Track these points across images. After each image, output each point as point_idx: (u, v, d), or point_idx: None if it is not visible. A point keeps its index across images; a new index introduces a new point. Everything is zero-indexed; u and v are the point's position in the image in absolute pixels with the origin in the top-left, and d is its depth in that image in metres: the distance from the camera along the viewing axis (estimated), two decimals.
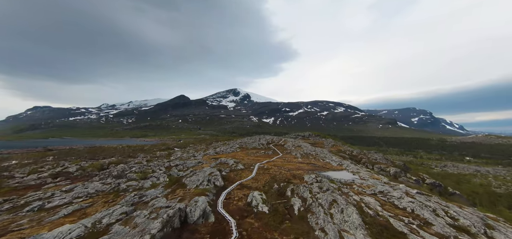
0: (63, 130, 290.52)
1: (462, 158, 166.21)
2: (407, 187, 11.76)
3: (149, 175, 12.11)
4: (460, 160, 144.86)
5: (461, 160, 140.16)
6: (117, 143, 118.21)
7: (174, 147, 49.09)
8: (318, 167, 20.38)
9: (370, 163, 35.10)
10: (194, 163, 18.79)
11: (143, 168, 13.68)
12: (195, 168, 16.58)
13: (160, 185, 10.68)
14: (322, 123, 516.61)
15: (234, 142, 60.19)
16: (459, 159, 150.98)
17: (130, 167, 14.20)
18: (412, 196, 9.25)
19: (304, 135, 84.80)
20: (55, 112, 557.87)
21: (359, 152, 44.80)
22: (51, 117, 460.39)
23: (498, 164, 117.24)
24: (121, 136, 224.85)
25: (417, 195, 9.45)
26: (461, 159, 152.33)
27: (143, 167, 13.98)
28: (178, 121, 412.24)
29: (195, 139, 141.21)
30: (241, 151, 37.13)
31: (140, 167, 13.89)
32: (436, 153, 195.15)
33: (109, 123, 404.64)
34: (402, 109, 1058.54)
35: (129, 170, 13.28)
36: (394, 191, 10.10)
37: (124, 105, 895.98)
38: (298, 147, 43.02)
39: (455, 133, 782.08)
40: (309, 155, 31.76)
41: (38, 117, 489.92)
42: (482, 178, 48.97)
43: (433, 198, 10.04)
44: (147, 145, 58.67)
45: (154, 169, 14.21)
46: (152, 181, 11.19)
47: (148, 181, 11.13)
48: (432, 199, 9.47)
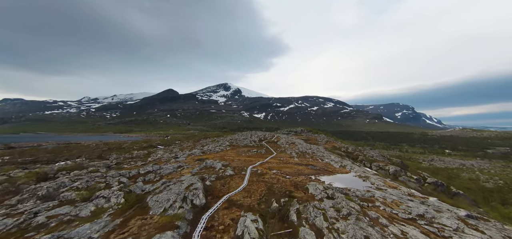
0: (38, 125, 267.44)
1: (442, 151, 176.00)
2: (449, 206, 9.20)
3: (98, 193, 8.39)
4: (441, 153, 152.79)
5: (442, 153, 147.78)
6: (98, 139, 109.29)
7: (157, 144, 44.59)
8: (320, 171, 17.60)
9: (368, 160, 33.39)
10: (171, 168, 15.14)
11: (93, 182, 9.88)
12: (170, 177, 12.99)
13: (107, 212, 7.10)
14: (312, 118, 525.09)
15: (224, 138, 56.52)
16: (440, 152, 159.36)
17: (74, 180, 10.30)
18: (475, 227, 6.53)
19: (296, 131, 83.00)
20: (29, 105, 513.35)
21: (354, 149, 43.32)
22: (23, 111, 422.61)
23: (475, 156, 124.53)
24: (103, 132, 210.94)
25: (480, 225, 6.79)
26: (442, 152, 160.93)
27: (93, 179, 10.14)
28: (166, 116, 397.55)
29: (183, 135, 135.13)
30: (231, 150, 33.75)
31: (90, 179, 10.05)
32: (419, 146, 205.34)
33: (91, 118, 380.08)
34: (387, 104, 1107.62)
35: (68, 186, 9.45)
36: (439, 214, 7.33)
37: (107, 98, 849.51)
38: (292, 145, 40.51)
39: (434, 127, 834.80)
40: (305, 154, 29.17)
41: (8, 110, 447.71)
42: (470, 172, 50.17)
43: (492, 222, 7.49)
44: (128, 142, 53.21)
45: (110, 182, 10.45)
46: (96, 205, 7.55)
47: (90, 204, 7.46)
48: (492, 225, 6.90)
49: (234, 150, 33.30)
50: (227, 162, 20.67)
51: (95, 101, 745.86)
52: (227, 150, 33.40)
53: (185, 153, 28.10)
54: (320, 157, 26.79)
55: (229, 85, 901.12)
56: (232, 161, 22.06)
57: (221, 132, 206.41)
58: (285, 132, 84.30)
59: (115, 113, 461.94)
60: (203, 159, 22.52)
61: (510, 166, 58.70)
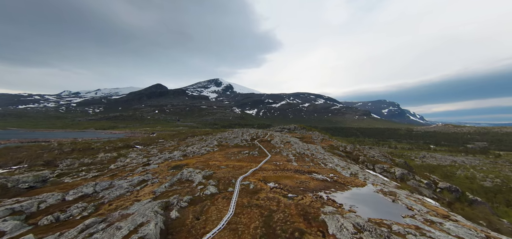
0: (9, 120, 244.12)
1: (427, 146, 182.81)
2: None
3: None
4: (427, 148, 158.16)
5: (428, 149, 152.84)
6: (72, 136, 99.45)
7: (135, 144, 39.09)
8: (330, 183, 13.84)
9: (370, 162, 30.52)
10: (126, 187, 10.62)
11: None
12: (115, 206, 8.54)
13: None
14: (303, 114, 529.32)
15: (213, 137, 51.84)
16: (426, 147, 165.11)
17: None
18: None
19: (289, 128, 79.85)
20: (1, 98, 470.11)
21: (352, 148, 40.61)
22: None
23: (459, 151, 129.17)
24: (84, 128, 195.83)
25: None
26: (428, 147, 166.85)
27: None
28: (154, 111, 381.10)
29: (170, 132, 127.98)
30: (219, 151, 29.36)
31: None
32: (405, 142, 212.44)
33: (71, 113, 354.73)
34: (374, 101, 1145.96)
35: None
36: None
37: (90, 93, 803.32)
38: (287, 144, 36.88)
39: (417, 123, 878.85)
40: (304, 156, 25.52)
41: None
42: (464, 169, 49.83)
43: None
44: (102, 140, 46.55)
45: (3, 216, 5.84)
46: None
47: None
48: None
49: (222, 152, 28.98)
50: (211, 170, 16.42)
51: (76, 96, 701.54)
52: (215, 152, 29.01)
53: (162, 157, 23.36)
54: (321, 160, 23.25)
55: (220, 81, 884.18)
56: (218, 168, 17.84)
57: (211, 129, 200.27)
58: (278, 129, 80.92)
59: (98, 108, 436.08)
60: (181, 166, 18.04)
61: (497, 162, 59.70)
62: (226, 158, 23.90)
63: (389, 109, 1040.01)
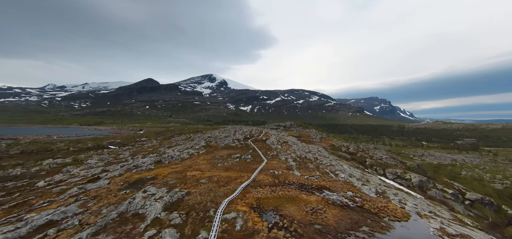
0: None
1: (419, 142, 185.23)
2: None
3: None
4: (420, 145, 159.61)
5: (421, 146, 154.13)
6: (50, 132, 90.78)
7: (109, 144, 33.38)
8: (355, 212, 9.42)
9: (379, 165, 26.66)
10: (33, 227, 5.56)
11: None
12: None
13: None
14: (298, 111, 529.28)
15: (202, 136, 46.71)
16: (418, 144, 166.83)
17: None
18: None
19: (285, 126, 75.60)
20: None
21: (356, 148, 36.84)
22: None
23: (452, 148, 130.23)
24: (67, 123, 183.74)
25: None
26: (420, 144, 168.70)
27: None
28: (145, 107, 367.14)
29: (160, 128, 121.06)
30: (205, 155, 24.48)
31: None
32: (398, 139, 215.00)
33: (55, 107, 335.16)
34: (367, 98, 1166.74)
35: None
36: None
37: (77, 87, 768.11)
38: (285, 145, 32.51)
39: (407, 119, 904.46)
40: (306, 162, 21.15)
41: None
42: (468, 169, 47.71)
43: None
44: (65, 139, 40.01)
45: None
46: None
47: None
48: None
49: (209, 155, 24.14)
50: (185, 188, 11.69)
51: (62, 89, 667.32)
52: (200, 155, 24.12)
53: (127, 165, 18.25)
54: (328, 167, 18.98)
55: (214, 77, 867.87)
56: (196, 184, 13.12)
57: (204, 125, 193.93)
58: (273, 127, 76.57)
59: (85, 103, 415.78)
60: (144, 180, 13.12)
61: (497, 160, 58.52)
62: (212, 165, 19.11)
63: (381, 106, 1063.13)
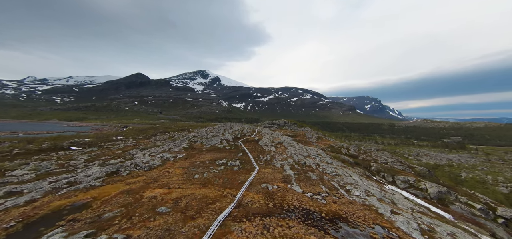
0: None
1: (408, 140, 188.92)
2: None
3: None
4: (410, 143, 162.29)
5: (411, 144, 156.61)
6: (24, 128, 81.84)
7: (70, 145, 27.83)
8: None
9: (387, 172, 23.34)
10: None
11: None
12: None
13: None
14: (291, 109, 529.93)
15: (187, 135, 41.86)
16: (408, 142, 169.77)
17: None
18: None
19: (279, 124, 71.87)
20: None
21: (357, 150, 33.56)
22: None
23: (441, 146, 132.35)
24: (45, 118, 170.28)
25: None
26: (410, 142, 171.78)
27: None
28: (133, 102, 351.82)
29: (147, 125, 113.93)
30: (181, 162, 19.96)
31: None
32: (389, 137, 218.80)
33: (33, 101, 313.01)
34: (358, 97, 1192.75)
35: None
36: None
37: (60, 80, 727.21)
38: (280, 146, 28.55)
39: (396, 118, 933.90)
40: (307, 171, 17.24)
41: None
42: (466, 170, 46.32)
43: None
44: (32, 137, 33.66)
45: None
46: None
47: None
48: None
49: (187, 161, 19.67)
50: (123, 230, 7.38)
51: (43, 82, 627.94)
52: (176, 162, 19.59)
53: (64, 180, 13.49)
54: (335, 178, 15.17)
55: (207, 73, 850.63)
56: (152, 213, 8.74)
57: (196, 122, 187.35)
58: (267, 125, 72.66)
59: (68, 97, 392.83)
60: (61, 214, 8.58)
61: (491, 160, 58.15)
62: (187, 177, 14.71)
63: (371, 104, 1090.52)
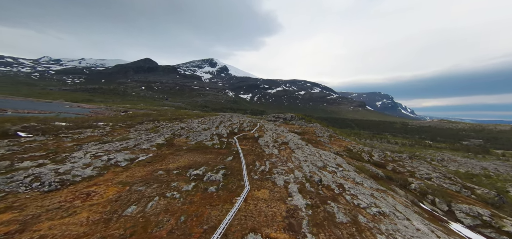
0: None
1: (423, 141, 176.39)
2: None
3: None
4: (427, 145, 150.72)
5: (426, 145, 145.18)
6: (20, 106, 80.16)
7: (20, 130, 22.92)
8: None
9: (438, 195, 16.68)
10: None
11: None
12: None
13: None
14: (299, 102, 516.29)
15: (174, 125, 36.34)
16: (424, 143, 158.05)
17: None
18: None
19: (285, 118, 64.81)
20: None
21: (382, 156, 26.73)
22: None
23: (460, 149, 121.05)
24: (53, 98, 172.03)
25: None
26: (425, 143, 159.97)
27: None
28: (141, 87, 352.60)
29: (152, 110, 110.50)
30: (134, 171, 14.15)
31: None
32: (400, 136, 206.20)
33: (45, 80, 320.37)
34: (369, 93, 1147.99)
35: None
36: None
37: (73, 61, 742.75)
38: (284, 148, 22.31)
39: (408, 116, 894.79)
40: (326, 198, 10.97)
41: None
42: (506, 181, 38.47)
43: None
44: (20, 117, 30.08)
45: None
46: None
47: None
48: None
49: (144, 170, 13.88)
50: None
51: (56, 63, 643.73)
52: (128, 168, 13.84)
53: None
54: (377, 220, 8.93)
55: (215, 61, 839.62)
56: None
57: (200, 111, 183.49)
58: (272, 118, 66.13)
59: (79, 78, 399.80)
60: None
61: None
62: (116, 209, 8.85)
63: (382, 101, 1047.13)
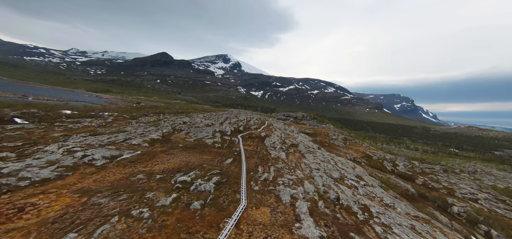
0: (4, 69, 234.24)
1: (446, 148, 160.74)
2: None
3: None
4: (451, 153, 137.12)
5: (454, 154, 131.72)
6: (41, 93, 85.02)
7: (17, 116, 22.47)
8: None
9: (497, 227, 13.02)
10: None
11: None
12: None
13: None
14: (311, 102, 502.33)
15: (176, 119, 34.91)
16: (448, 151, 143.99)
17: None
18: None
19: (296, 117, 61.00)
20: (7, 46, 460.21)
21: (409, 167, 22.75)
22: None
23: (492, 160, 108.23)
24: (74, 87, 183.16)
25: None
26: (449, 151, 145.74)
27: None
28: (156, 80, 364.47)
29: (163, 103, 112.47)
30: (109, 172, 12.17)
31: None
32: (421, 142, 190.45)
33: (70, 70, 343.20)
34: (387, 95, 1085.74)
35: None
36: None
37: (97, 54, 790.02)
38: (293, 151, 19.48)
39: (429, 121, 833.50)
40: (347, 228, 8.16)
41: None
42: None
43: None
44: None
45: None
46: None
47: None
48: None
49: (124, 171, 11.88)
50: None
51: (83, 55, 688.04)
52: (106, 168, 11.98)
53: None
54: None
55: (228, 57, 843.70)
56: None
57: (211, 106, 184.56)
58: (281, 117, 62.94)
59: (100, 70, 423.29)
60: None
61: None
62: (52, 237, 6.77)
63: (402, 104, 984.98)
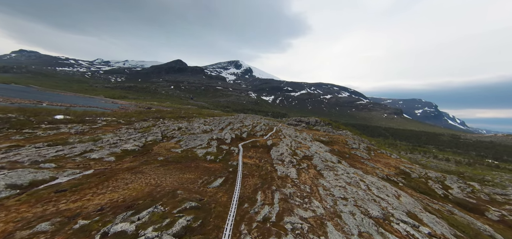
0: (38, 78, 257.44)
1: (482, 159, 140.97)
2: None
3: None
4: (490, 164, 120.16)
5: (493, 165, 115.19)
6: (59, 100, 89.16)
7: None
8: None
9: None
10: None
11: None
12: None
13: None
14: (324, 107, 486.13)
15: (170, 125, 32.05)
16: (485, 162, 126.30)
17: None
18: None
19: (308, 122, 55.67)
20: (42, 59, 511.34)
21: (466, 190, 17.03)
22: (35, 63, 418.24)
23: None
24: (95, 94, 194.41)
25: None
26: (487, 162, 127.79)
27: None
28: (170, 87, 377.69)
29: (172, 108, 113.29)
30: (51, 203, 8.75)
31: None
32: (449, 151, 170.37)
33: (94, 79, 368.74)
34: (406, 100, 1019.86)
35: None
36: None
37: (119, 63, 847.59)
38: (306, 165, 15.11)
39: (457, 128, 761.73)
40: None
41: (20, 61, 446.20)
42: None
43: None
44: None
45: None
46: None
47: None
48: None
49: (57, 203, 8.48)
50: None
51: (106, 64, 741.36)
52: (27, 196, 8.65)
53: None
54: None
55: (240, 63, 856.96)
56: None
57: (221, 111, 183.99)
58: (293, 122, 58.14)
59: (120, 78, 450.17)
60: None
61: None
62: None
63: (423, 110, 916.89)
